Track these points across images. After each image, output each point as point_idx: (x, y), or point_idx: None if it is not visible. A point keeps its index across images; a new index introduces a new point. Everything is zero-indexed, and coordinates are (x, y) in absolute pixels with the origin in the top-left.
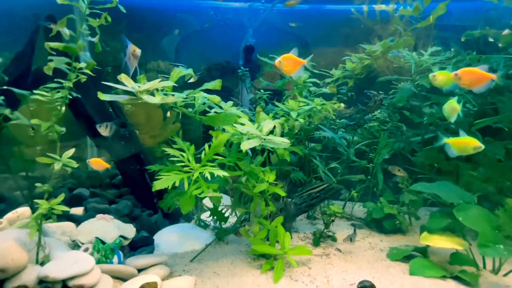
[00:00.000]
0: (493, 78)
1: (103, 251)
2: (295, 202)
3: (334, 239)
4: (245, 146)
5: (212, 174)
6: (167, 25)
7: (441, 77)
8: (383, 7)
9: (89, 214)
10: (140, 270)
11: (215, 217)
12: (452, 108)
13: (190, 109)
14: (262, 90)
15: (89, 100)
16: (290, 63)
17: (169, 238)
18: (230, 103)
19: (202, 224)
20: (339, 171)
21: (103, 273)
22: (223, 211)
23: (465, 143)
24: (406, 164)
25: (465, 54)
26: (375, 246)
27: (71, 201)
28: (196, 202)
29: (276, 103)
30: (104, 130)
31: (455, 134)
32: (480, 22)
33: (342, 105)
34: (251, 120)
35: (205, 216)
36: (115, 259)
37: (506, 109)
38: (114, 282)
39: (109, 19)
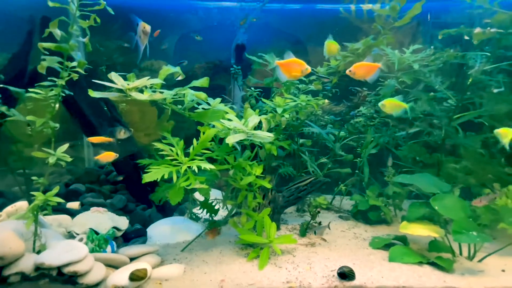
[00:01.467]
0: (379, 66)
1: (97, 241)
2: (284, 195)
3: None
4: (231, 140)
5: (202, 168)
6: (162, 25)
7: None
8: (369, 6)
9: (85, 208)
10: (132, 259)
11: (206, 210)
12: (394, 105)
13: (179, 106)
14: (252, 88)
15: (84, 99)
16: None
17: (161, 230)
18: (218, 99)
19: (194, 217)
20: (329, 165)
21: (96, 261)
22: (214, 204)
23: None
24: (393, 158)
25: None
26: (359, 236)
27: (68, 196)
28: (188, 196)
29: (264, 100)
30: (119, 134)
31: (440, 129)
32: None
33: (326, 101)
34: (239, 116)
35: (199, 209)
36: (109, 248)
37: (485, 104)
38: (107, 269)
39: (98, 20)
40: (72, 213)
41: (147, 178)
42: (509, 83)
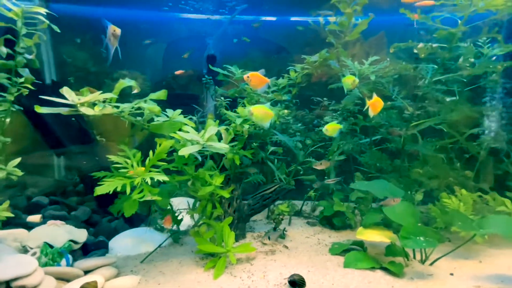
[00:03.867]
0: (268, 82)
1: (51, 255)
2: (249, 203)
3: (282, 237)
4: (183, 151)
5: (163, 180)
6: (136, 35)
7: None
8: (334, 19)
9: (46, 221)
10: (88, 272)
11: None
12: (333, 128)
13: (139, 118)
14: (222, 98)
15: None
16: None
17: (124, 241)
18: (178, 111)
19: (159, 227)
20: (301, 172)
21: (48, 275)
22: (177, 215)
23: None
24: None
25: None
26: (322, 241)
27: (29, 209)
28: (151, 206)
29: (225, 111)
30: None
31: (400, 136)
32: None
33: (286, 111)
34: (199, 128)
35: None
36: (63, 262)
37: (440, 112)
38: (59, 283)
39: (45, 37)
40: (32, 227)
41: (98, 191)
42: (461, 92)
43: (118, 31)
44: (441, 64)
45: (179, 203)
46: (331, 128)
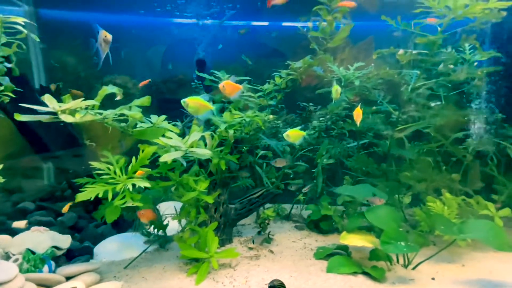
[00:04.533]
0: (241, 88)
1: (33, 261)
2: (236, 207)
3: (268, 241)
4: (165, 158)
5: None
6: (125, 40)
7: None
8: (324, 24)
9: (31, 227)
10: (70, 278)
11: (153, 226)
12: (295, 134)
13: (123, 124)
14: (211, 102)
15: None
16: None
17: (109, 247)
18: (162, 117)
19: (145, 233)
20: (291, 176)
21: (28, 281)
22: (162, 220)
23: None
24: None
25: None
26: (308, 246)
27: (15, 215)
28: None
29: (211, 117)
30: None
31: (386, 138)
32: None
33: (271, 116)
34: (186, 133)
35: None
36: (46, 268)
37: (424, 117)
38: None
39: (24, 47)
40: (17, 233)
41: (80, 197)
42: (447, 97)
43: (109, 37)
44: (423, 70)
45: (167, 208)
46: (293, 134)
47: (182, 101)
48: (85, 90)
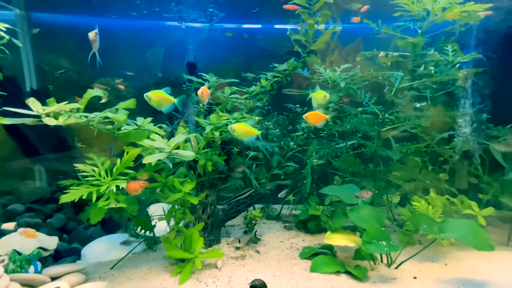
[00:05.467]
0: (209, 92)
1: (19, 262)
2: (224, 208)
3: (255, 241)
4: (148, 159)
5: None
6: (116, 43)
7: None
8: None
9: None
10: (55, 278)
11: (140, 227)
12: (246, 131)
13: (110, 126)
14: (201, 104)
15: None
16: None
17: (97, 248)
18: (148, 119)
19: (134, 234)
20: (282, 177)
21: (13, 281)
22: (150, 221)
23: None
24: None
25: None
26: (295, 246)
27: (4, 217)
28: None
29: (197, 119)
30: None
31: (373, 138)
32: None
33: (257, 118)
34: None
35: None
36: (32, 269)
37: (408, 118)
38: None
39: (7, 52)
40: (5, 234)
41: (64, 199)
42: (433, 98)
43: (90, 35)
44: (406, 72)
45: (156, 209)
46: (242, 130)
47: (145, 95)
48: (77, 92)
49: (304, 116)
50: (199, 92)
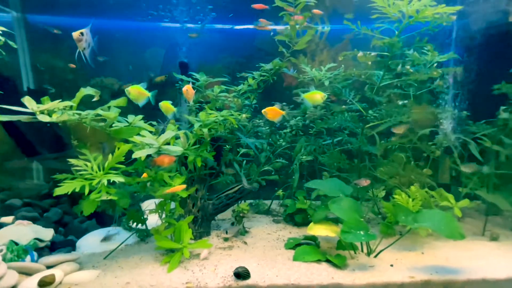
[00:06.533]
0: (194, 92)
1: (16, 251)
2: (214, 202)
3: (243, 233)
4: (138, 154)
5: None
6: (111, 43)
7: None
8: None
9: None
10: (50, 267)
11: (132, 219)
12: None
13: (102, 123)
14: (192, 102)
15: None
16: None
17: (91, 240)
18: (139, 116)
19: (127, 226)
20: (272, 173)
21: (11, 269)
22: (141, 214)
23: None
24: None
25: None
26: (282, 237)
27: (3, 211)
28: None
29: (187, 116)
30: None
31: (357, 134)
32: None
33: (244, 115)
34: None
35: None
36: (28, 258)
37: (391, 115)
38: (21, 276)
39: (3, 53)
40: (3, 227)
41: (58, 191)
42: (416, 96)
43: (74, 35)
44: (386, 71)
45: (150, 204)
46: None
47: (125, 89)
48: (73, 92)
49: (262, 111)
50: (183, 89)
